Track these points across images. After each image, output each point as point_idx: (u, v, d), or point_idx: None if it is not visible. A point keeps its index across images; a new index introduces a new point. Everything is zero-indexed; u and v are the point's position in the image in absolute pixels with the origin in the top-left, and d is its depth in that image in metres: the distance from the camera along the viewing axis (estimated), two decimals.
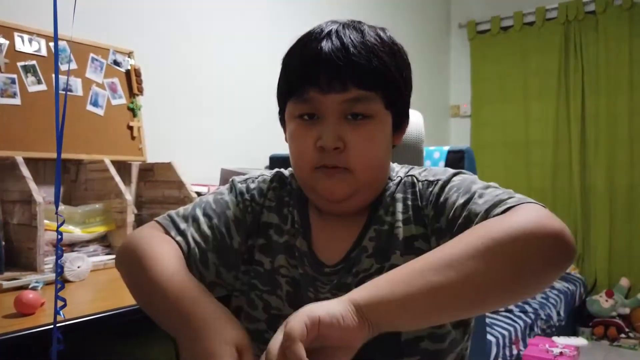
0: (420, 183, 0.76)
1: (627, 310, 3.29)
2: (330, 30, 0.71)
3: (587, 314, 3.37)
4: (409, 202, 0.75)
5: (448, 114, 4.28)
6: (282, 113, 0.78)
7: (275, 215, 0.81)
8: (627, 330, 3.21)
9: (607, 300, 3.30)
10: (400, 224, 0.74)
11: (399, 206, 0.76)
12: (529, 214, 0.56)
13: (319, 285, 0.75)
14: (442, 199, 0.70)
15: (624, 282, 3.44)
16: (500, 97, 3.95)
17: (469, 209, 0.64)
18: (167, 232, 0.77)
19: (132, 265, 0.72)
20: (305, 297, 0.75)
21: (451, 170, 0.76)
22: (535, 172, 3.82)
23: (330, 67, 0.68)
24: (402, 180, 0.79)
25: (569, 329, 3.16)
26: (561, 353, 2.49)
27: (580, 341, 2.82)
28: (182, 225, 0.77)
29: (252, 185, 0.84)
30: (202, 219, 0.78)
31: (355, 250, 0.75)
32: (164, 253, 0.70)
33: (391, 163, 0.84)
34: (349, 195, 0.73)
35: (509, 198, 0.62)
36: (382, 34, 0.74)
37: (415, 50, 3.89)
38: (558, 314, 2.93)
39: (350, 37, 0.70)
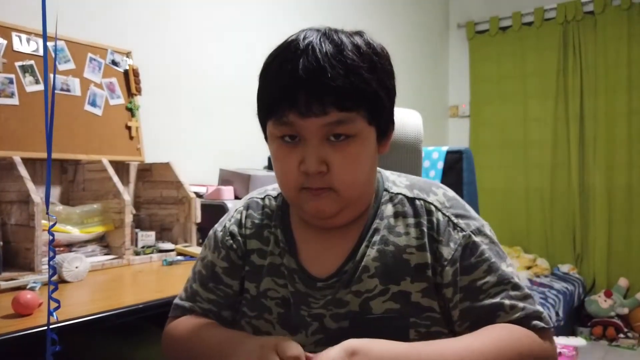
0: (439, 213, 0.74)
1: (625, 311, 3.29)
2: (307, 45, 0.66)
3: (586, 314, 3.37)
4: (424, 229, 0.73)
5: (447, 114, 4.28)
6: (263, 127, 0.76)
7: (256, 240, 0.81)
8: (625, 330, 3.21)
9: (605, 301, 3.30)
10: (413, 249, 0.73)
11: (413, 231, 0.74)
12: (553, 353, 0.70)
13: (312, 300, 0.74)
14: (472, 260, 0.71)
15: (623, 282, 3.44)
16: (499, 97, 3.95)
17: (501, 303, 0.69)
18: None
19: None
20: (298, 315, 0.74)
21: (470, 215, 0.75)
22: (534, 172, 3.82)
23: (308, 90, 0.65)
24: (412, 202, 0.76)
25: (567, 329, 3.16)
26: (560, 353, 2.49)
27: (578, 341, 2.82)
28: (187, 305, 0.83)
29: (229, 224, 0.84)
30: (201, 291, 0.83)
31: (348, 263, 0.74)
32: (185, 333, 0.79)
33: (383, 171, 0.83)
34: (337, 212, 0.73)
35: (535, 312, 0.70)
36: (360, 43, 0.69)
37: (414, 51, 3.91)
38: (557, 314, 2.93)
39: (327, 55, 0.65)
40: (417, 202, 0.76)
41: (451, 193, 0.79)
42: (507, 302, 0.68)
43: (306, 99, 0.65)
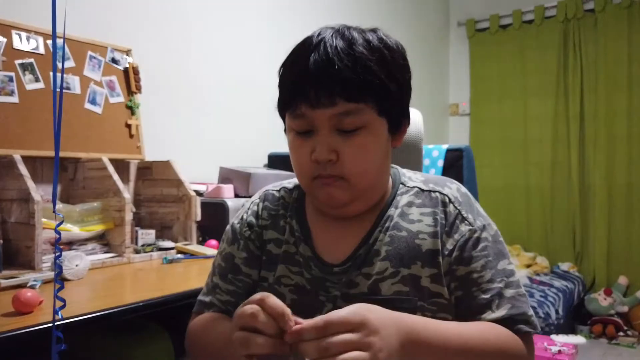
0: (452, 205, 0.77)
1: (625, 309, 3.29)
2: (319, 41, 0.70)
3: (586, 312, 3.38)
4: (438, 219, 0.76)
5: (447, 113, 4.28)
6: (283, 119, 0.79)
7: (272, 230, 0.84)
8: (625, 328, 3.22)
9: (605, 299, 3.31)
10: (425, 236, 0.75)
11: (427, 219, 0.76)
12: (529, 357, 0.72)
13: (329, 285, 0.77)
14: (472, 253, 0.74)
15: (623, 280, 3.45)
16: (499, 95, 3.95)
17: (491, 300, 0.71)
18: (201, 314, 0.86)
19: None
20: (316, 301, 0.77)
21: (479, 212, 0.79)
22: (534, 170, 3.82)
23: (317, 82, 0.69)
24: (427, 194, 0.79)
25: (567, 327, 3.16)
26: (560, 351, 2.49)
27: (578, 339, 2.82)
28: (207, 299, 0.85)
29: (246, 216, 0.87)
30: (220, 283, 0.85)
31: (361, 248, 0.77)
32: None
33: (398, 168, 0.85)
34: (349, 201, 0.75)
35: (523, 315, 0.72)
36: (372, 38, 0.72)
37: (414, 49, 3.89)
38: (556, 312, 2.93)
39: (337, 49, 0.69)
40: (433, 194, 0.79)
41: (464, 189, 0.82)
42: (496, 300, 0.71)
43: (315, 90, 0.69)
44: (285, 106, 0.75)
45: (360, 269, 0.75)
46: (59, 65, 1.55)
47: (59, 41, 1.52)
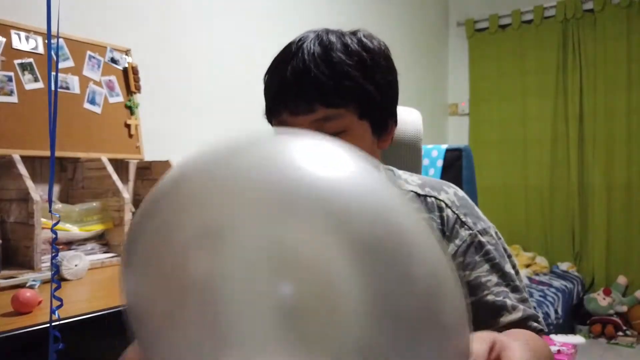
0: (449, 210, 0.77)
1: (624, 308, 3.29)
2: (298, 48, 0.71)
3: (585, 312, 3.37)
4: (434, 224, 0.76)
5: (446, 112, 4.28)
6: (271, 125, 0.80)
7: None
8: (624, 328, 3.22)
9: (604, 298, 3.31)
10: None
11: None
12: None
13: None
14: (477, 257, 0.74)
15: (622, 280, 3.45)
16: (499, 95, 3.95)
17: (505, 302, 0.71)
18: None
19: None
20: None
21: (478, 216, 0.78)
22: (533, 170, 3.82)
23: (295, 90, 0.70)
24: (423, 199, 0.79)
25: (566, 327, 3.16)
26: (559, 351, 2.49)
27: (577, 339, 2.83)
28: None
29: None
30: None
31: None
32: None
33: (396, 169, 0.85)
34: None
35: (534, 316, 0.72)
36: (350, 42, 0.72)
37: (413, 49, 3.90)
38: (556, 312, 2.93)
39: (314, 55, 0.69)
40: (429, 199, 0.79)
41: (461, 193, 0.82)
42: (509, 302, 0.71)
43: (294, 98, 0.70)
44: (269, 113, 0.77)
45: None
46: (55, 61, 1.55)
47: (54, 39, 1.52)
